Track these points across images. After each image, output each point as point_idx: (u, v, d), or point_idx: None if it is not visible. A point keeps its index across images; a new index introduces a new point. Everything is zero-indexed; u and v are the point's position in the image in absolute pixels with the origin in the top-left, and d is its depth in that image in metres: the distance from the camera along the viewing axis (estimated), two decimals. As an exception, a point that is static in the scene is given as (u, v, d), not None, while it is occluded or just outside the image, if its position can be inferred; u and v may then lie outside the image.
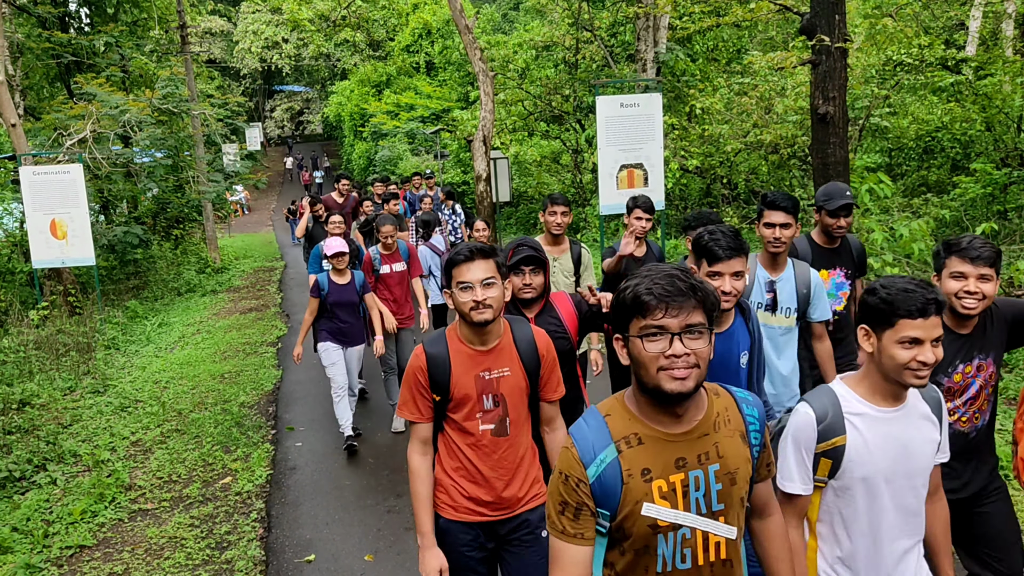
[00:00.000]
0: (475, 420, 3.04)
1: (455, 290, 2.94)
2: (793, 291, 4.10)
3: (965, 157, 12.92)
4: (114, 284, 16.00)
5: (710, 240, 3.23)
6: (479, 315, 2.91)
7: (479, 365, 3.02)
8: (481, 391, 3.02)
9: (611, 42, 19.55)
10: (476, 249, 2.95)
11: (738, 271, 3.23)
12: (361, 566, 4.96)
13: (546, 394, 3.17)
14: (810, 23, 8.01)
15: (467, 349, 3.02)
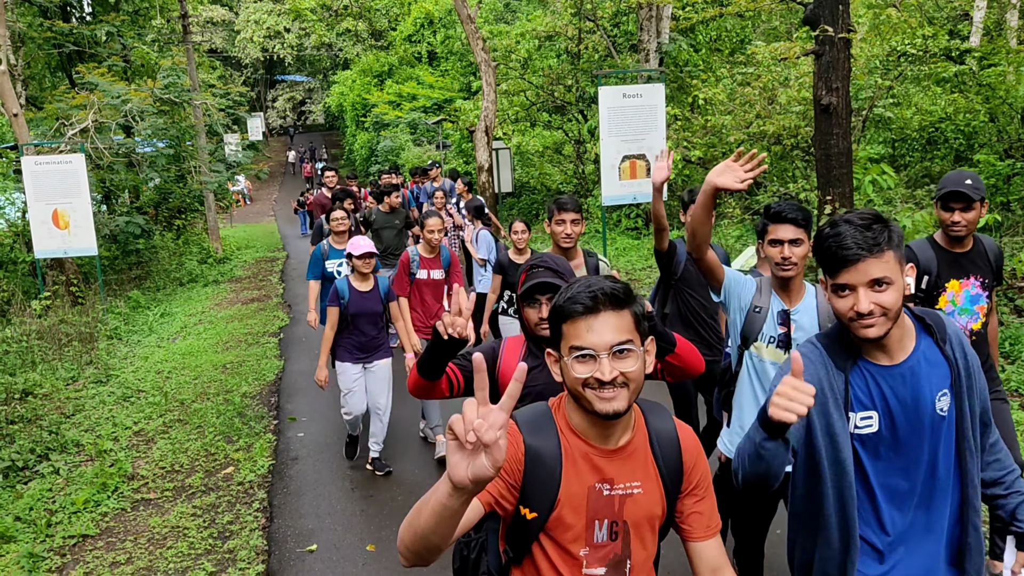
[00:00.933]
0: (575, 560, 1.98)
1: (566, 358, 1.88)
2: (815, 326, 3.37)
3: (968, 148, 12.88)
4: (116, 274, 16.02)
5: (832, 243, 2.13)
6: (607, 403, 1.84)
7: (597, 473, 1.97)
8: (594, 515, 1.97)
9: (614, 32, 19.49)
10: (604, 294, 1.86)
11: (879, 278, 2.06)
12: (363, 556, 4.97)
13: (694, 529, 2.07)
14: (814, 13, 7.98)
15: (582, 445, 1.98)
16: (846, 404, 2.18)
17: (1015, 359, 7.17)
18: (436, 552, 1.68)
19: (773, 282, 3.49)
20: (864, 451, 2.21)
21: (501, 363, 2.93)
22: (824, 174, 8.20)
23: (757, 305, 3.46)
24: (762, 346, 3.46)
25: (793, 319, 3.40)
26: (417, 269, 6.50)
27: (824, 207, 8.15)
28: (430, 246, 6.51)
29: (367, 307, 5.97)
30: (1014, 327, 7.63)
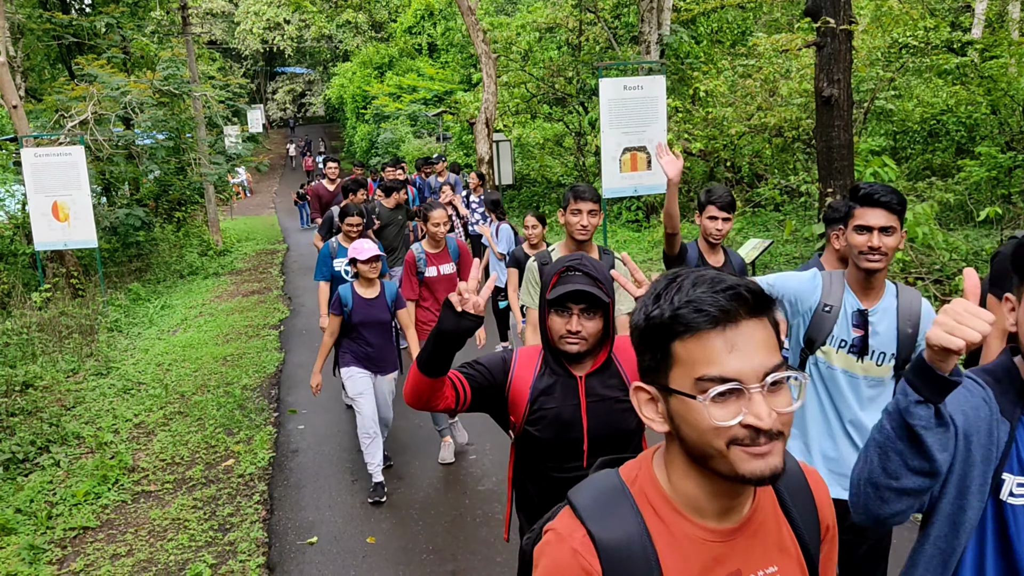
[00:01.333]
0: None
1: (698, 398, 1.20)
2: (893, 329, 2.92)
3: (970, 140, 12.87)
4: (116, 266, 16.01)
5: None
6: (761, 461, 1.20)
7: (717, 566, 1.32)
8: None
9: (615, 24, 19.44)
10: (747, 292, 1.21)
11: None
12: (363, 548, 4.98)
13: None
14: (815, 5, 7.96)
15: (688, 527, 1.32)
16: (1001, 461, 1.69)
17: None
18: None
19: (851, 276, 2.97)
20: (1017, 525, 1.68)
21: (513, 376, 2.59)
22: (825, 166, 8.19)
23: (826, 303, 2.97)
24: (831, 351, 2.98)
25: (871, 321, 2.92)
26: (425, 267, 6.01)
27: (825, 199, 8.13)
28: (435, 240, 6.02)
29: (373, 315, 5.52)
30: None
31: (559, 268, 2.52)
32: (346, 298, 5.50)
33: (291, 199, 30.82)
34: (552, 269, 2.56)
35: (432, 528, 5.14)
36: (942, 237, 8.69)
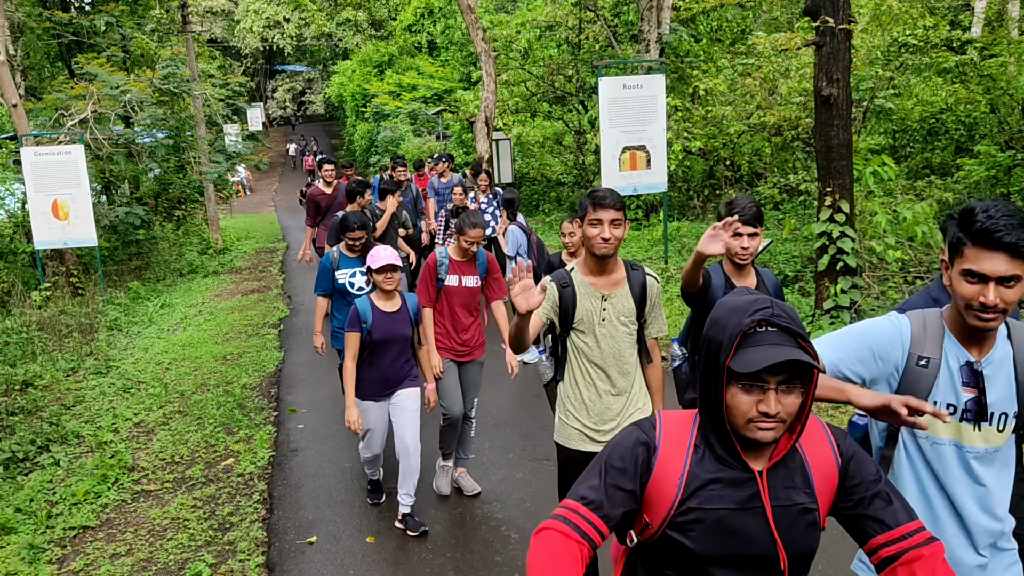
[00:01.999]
0: None
1: None
2: (1012, 382, 2.25)
3: (969, 139, 12.87)
4: (116, 265, 16.02)
5: None
6: None
7: None
8: None
9: (614, 22, 19.43)
10: None
11: None
12: (362, 548, 4.99)
13: None
14: (814, 4, 7.96)
15: None
16: None
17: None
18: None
19: (954, 320, 2.27)
20: None
21: (658, 458, 1.89)
22: (824, 165, 8.19)
23: (921, 356, 2.28)
24: (936, 421, 2.22)
25: (985, 375, 2.24)
26: (447, 274, 5.36)
27: (824, 199, 8.14)
28: (463, 249, 5.35)
29: (395, 331, 4.98)
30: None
31: (743, 322, 1.77)
32: (365, 313, 4.91)
33: (291, 197, 30.83)
34: (729, 320, 1.81)
35: (431, 528, 5.15)
36: (941, 237, 8.69)
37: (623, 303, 3.60)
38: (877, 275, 9.09)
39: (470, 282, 5.45)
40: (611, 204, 3.41)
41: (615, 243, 3.45)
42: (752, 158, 15.14)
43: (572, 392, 3.72)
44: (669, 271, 11.97)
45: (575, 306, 3.57)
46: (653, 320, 3.72)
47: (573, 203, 18.79)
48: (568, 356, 3.72)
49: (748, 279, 3.97)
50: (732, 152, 15.08)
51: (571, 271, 3.63)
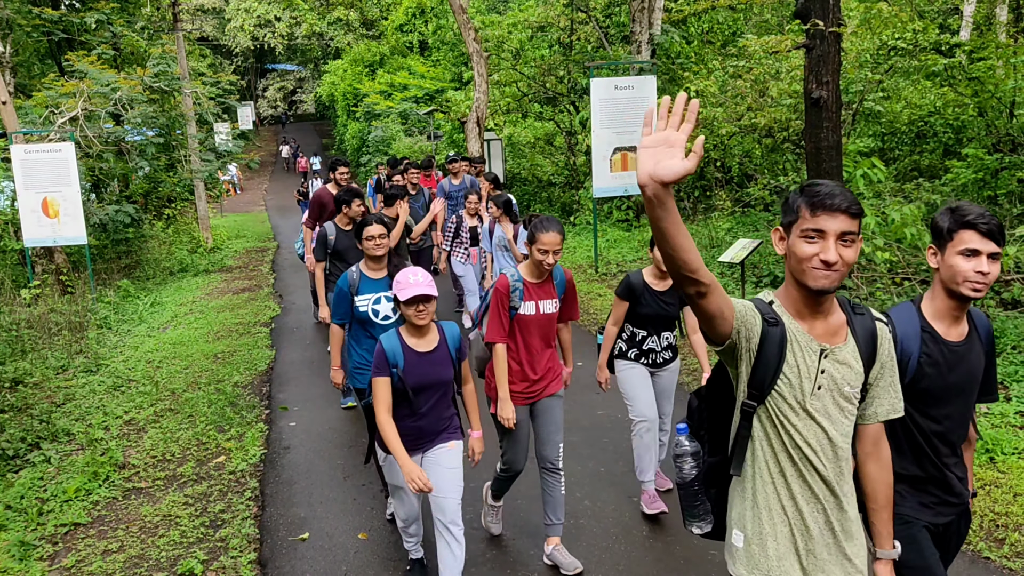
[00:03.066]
0: None
1: None
2: None
3: (957, 142, 12.97)
4: (106, 263, 15.97)
5: None
6: None
7: None
8: None
9: (606, 23, 19.50)
10: None
11: None
12: (355, 544, 5.01)
13: None
14: (805, 7, 8.02)
15: None
16: None
17: (1000, 351, 7.24)
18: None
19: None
20: None
21: None
22: (814, 167, 8.25)
23: None
24: None
25: None
26: (521, 301, 4.35)
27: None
28: (540, 269, 4.36)
29: (433, 375, 3.95)
30: (1000, 320, 7.71)
31: None
32: (394, 354, 3.89)
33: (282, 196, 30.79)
34: None
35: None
36: (929, 238, 8.76)
37: (848, 365, 2.35)
38: (866, 276, 9.17)
39: (548, 307, 4.45)
40: (844, 207, 2.21)
41: (844, 272, 2.24)
42: (743, 159, 15.22)
43: (763, 505, 2.39)
44: (659, 271, 12.01)
45: (782, 360, 2.30)
46: (883, 393, 2.45)
47: (564, 203, 18.81)
48: (754, 443, 2.39)
49: (960, 325, 2.76)
50: (723, 153, 15.15)
51: (772, 304, 2.42)
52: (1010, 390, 6.53)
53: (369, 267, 4.99)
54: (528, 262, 4.44)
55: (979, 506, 4.90)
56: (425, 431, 4.06)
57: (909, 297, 8.47)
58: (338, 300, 5.04)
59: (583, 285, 11.89)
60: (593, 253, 13.33)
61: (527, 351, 4.43)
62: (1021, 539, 4.53)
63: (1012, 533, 4.59)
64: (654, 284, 4.99)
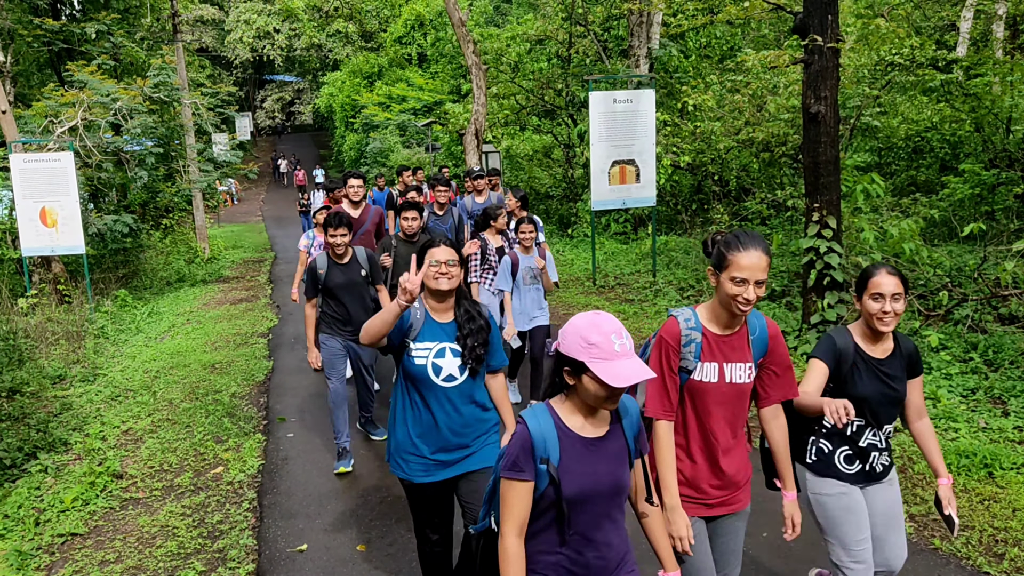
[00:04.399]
0: None
1: None
2: None
3: (954, 157, 13.04)
4: (103, 273, 15.96)
5: None
6: None
7: None
8: None
9: (604, 37, 19.60)
10: None
11: None
12: (353, 556, 5.00)
13: None
14: (803, 22, 8.06)
15: None
16: None
17: (998, 366, 7.26)
18: None
19: None
20: None
21: None
22: (812, 182, 8.28)
23: None
24: None
25: None
26: (697, 360, 3.00)
27: (812, 214, 8.23)
28: (731, 311, 2.96)
29: (606, 479, 2.51)
30: (997, 335, 7.73)
31: None
32: (544, 441, 2.46)
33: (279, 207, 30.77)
34: None
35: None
36: (927, 253, 8.81)
37: None
38: (863, 290, 9.17)
39: (740, 374, 3.01)
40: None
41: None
42: (740, 173, 15.27)
43: None
44: (657, 284, 12.04)
45: None
46: None
47: (562, 216, 18.86)
48: None
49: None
50: (720, 167, 15.21)
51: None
52: (1009, 405, 6.54)
53: (433, 306, 3.67)
54: (712, 302, 3.05)
55: (978, 521, 4.90)
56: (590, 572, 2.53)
57: (907, 312, 8.49)
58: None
59: (579, 298, 11.90)
60: (591, 266, 13.35)
61: (702, 435, 3.05)
62: (1020, 554, 4.53)
63: (1011, 548, 4.59)
64: (870, 349, 3.38)
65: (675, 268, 12.96)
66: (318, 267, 6.10)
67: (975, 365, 7.30)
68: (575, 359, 2.37)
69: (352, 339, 6.20)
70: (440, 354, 3.59)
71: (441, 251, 3.56)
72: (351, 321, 6.15)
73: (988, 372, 7.16)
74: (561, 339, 2.45)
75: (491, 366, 3.77)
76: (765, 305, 10.22)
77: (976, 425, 6.22)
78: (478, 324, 3.66)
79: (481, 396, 3.73)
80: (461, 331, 3.62)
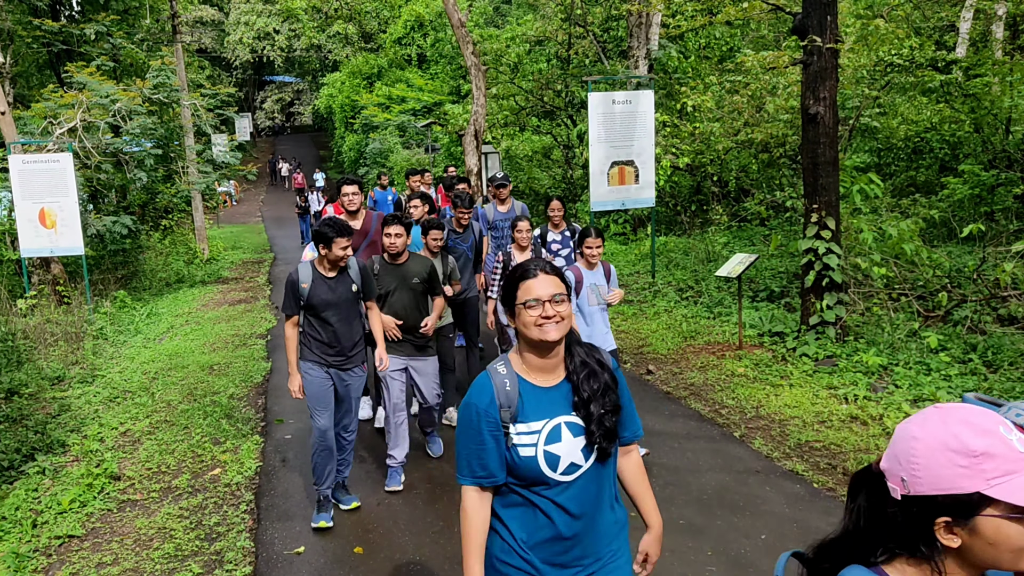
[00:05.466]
0: None
1: None
2: None
3: (953, 158, 13.03)
4: (102, 274, 15.96)
5: None
6: None
7: None
8: None
9: (604, 38, 19.59)
10: None
11: None
12: (350, 558, 4.98)
13: None
14: (802, 23, 8.06)
15: None
16: None
17: (997, 368, 7.25)
18: None
19: None
20: None
21: None
22: (811, 182, 8.27)
23: None
24: None
25: None
26: None
27: (810, 215, 8.22)
28: None
29: None
30: (997, 336, 7.72)
31: None
32: None
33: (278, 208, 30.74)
34: None
35: (419, 539, 5.16)
36: (926, 254, 8.80)
37: None
38: (862, 291, 9.18)
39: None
40: None
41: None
42: (739, 174, 15.27)
43: None
44: (656, 285, 12.03)
45: None
46: None
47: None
48: None
49: None
50: (719, 168, 15.20)
51: None
52: (1007, 406, 6.52)
53: (535, 364, 2.48)
54: None
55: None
56: None
57: (906, 313, 8.48)
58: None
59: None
60: (590, 267, 13.31)
61: None
62: (1019, 556, 4.52)
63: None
64: None
65: (674, 269, 12.96)
66: (301, 280, 5.18)
67: (974, 366, 7.29)
68: (958, 494, 1.32)
69: (339, 366, 5.38)
70: (554, 436, 2.41)
71: (542, 283, 2.41)
72: (339, 344, 5.32)
73: (987, 373, 7.15)
74: (906, 469, 1.38)
75: (624, 439, 2.61)
76: (764, 306, 10.22)
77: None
78: (602, 380, 2.47)
79: (612, 485, 2.58)
80: (579, 394, 2.45)
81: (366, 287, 5.43)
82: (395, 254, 5.87)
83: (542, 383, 2.47)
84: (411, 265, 5.95)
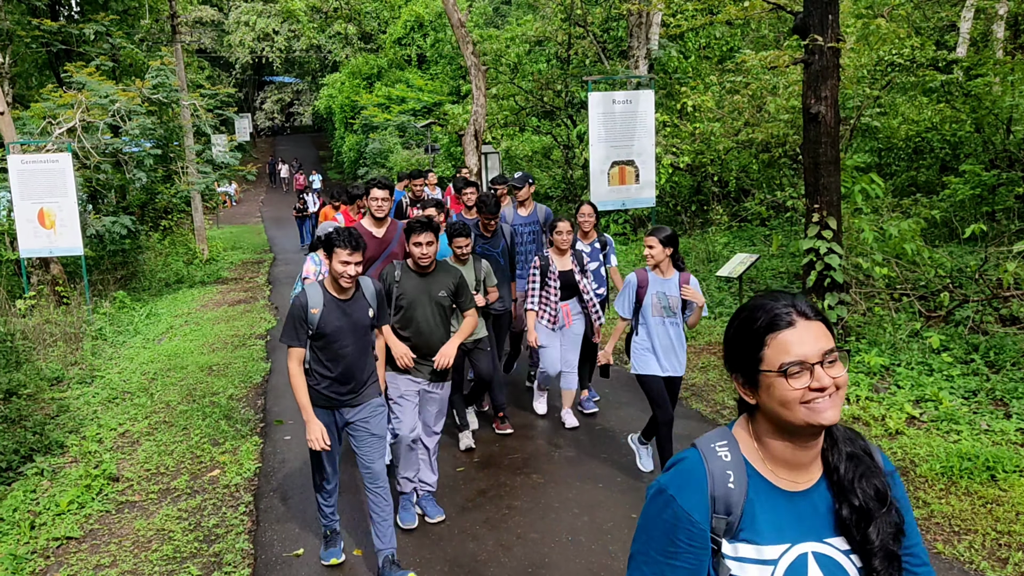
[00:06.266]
0: None
1: None
2: None
3: (954, 158, 13.01)
4: (102, 274, 15.93)
5: None
6: None
7: None
8: None
9: (604, 38, 19.56)
10: None
11: None
12: (349, 560, 4.96)
13: None
14: (803, 22, 8.03)
15: None
16: None
17: (999, 368, 7.22)
18: None
19: None
20: None
21: None
22: (812, 182, 8.24)
23: None
24: None
25: None
26: None
27: (812, 215, 8.19)
28: None
29: None
30: (999, 336, 7.69)
31: None
32: None
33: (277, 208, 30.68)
34: None
35: (419, 541, 5.13)
36: (927, 253, 8.77)
37: None
38: (864, 291, 9.15)
39: None
40: None
41: None
42: (740, 174, 15.24)
43: None
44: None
45: None
46: None
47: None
48: None
49: None
50: (720, 168, 15.17)
51: None
52: (1011, 407, 6.50)
53: (780, 457, 1.66)
54: None
55: (980, 524, 4.86)
56: None
57: (908, 313, 8.45)
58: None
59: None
60: (590, 267, 13.29)
61: None
62: None
63: (1016, 552, 4.55)
64: None
65: (675, 269, 12.90)
66: (310, 305, 4.39)
67: (976, 367, 7.26)
68: None
69: (349, 403, 4.65)
70: (798, 569, 1.60)
71: (805, 334, 1.60)
72: (353, 380, 4.56)
73: (990, 374, 7.12)
74: None
75: None
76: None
77: (978, 427, 6.18)
78: (878, 490, 1.64)
79: None
80: (849, 505, 1.62)
81: (380, 313, 4.70)
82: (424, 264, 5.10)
83: (788, 485, 1.64)
84: (438, 275, 5.18)
